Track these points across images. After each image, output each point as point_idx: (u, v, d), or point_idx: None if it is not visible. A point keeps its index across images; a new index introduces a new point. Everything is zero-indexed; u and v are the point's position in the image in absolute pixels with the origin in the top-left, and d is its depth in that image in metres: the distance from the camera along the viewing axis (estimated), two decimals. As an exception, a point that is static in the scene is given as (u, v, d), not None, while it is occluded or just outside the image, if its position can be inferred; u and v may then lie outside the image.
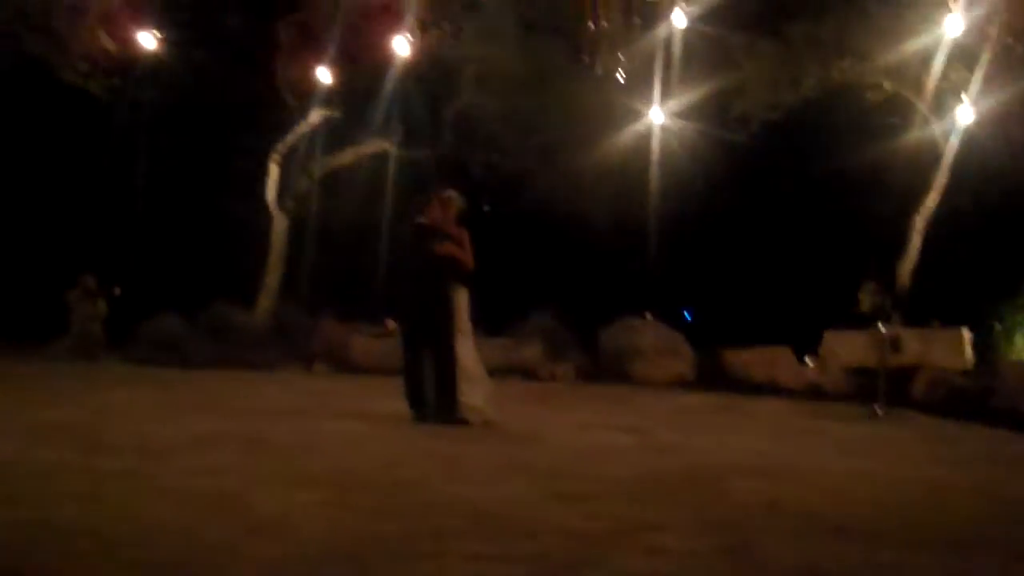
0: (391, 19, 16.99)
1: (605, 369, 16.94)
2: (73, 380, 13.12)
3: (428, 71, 17.84)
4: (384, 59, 17.79)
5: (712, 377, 16.23)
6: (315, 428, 8.90)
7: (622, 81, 14.35)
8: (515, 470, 6.97)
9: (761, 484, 6.74)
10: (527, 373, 16.39)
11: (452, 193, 9.90)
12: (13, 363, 15.15)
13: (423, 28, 17.13)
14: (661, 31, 15.69)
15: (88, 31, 15.26)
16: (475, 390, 9.46)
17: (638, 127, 18.69)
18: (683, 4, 15.24)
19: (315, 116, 19.36)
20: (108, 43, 15.47)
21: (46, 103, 18.17)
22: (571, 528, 5.07)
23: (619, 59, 13.16)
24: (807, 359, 16.58)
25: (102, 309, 17.50)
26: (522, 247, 20.84)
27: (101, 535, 4.70)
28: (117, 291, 17.97)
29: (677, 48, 16.27)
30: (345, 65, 18.34)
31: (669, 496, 6.23)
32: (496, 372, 10.28)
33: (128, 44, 16.61)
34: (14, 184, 19.75)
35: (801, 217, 21.14)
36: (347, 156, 20.35)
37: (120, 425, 8.64)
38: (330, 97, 19.03)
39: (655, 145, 18.79)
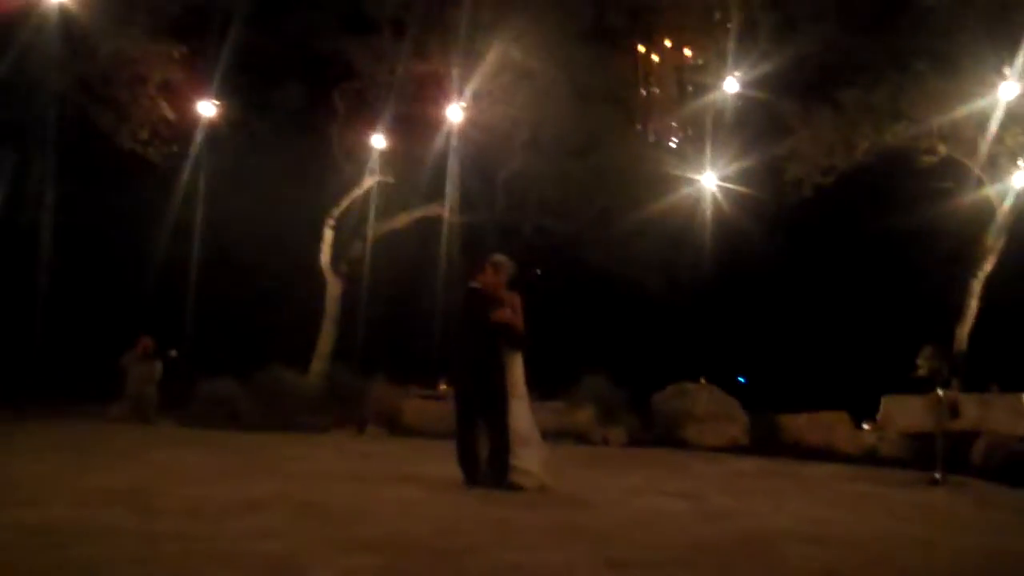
0: (445, 86, 17.21)
1: (658, 433, 16.80)
2: (128, 442, 13.22)
3: (481, 136, 18.00)
4: (437, 125, 18.01)
5: (767, 442, 16.00)
6: (368, 492, 8.89)
7: (674, 147, 14.42)
8: (568, 535, 6.92)
9: (817, 551, 6.64)
10: (579, 437, 16.30)
11: (503, 258, 9.93)
12: (70, 424, 15.33)
13: (476, 95, 17.31)
14: (713, 98, 15.77)
15: (148, 100, 15.58)
16: (530, 454, 9.42)
17: (690, 192, 18.73)
18: (735, 72, 15.31)
19: (368, 181, 19.60)
20: (168, 111, 15.79)
21: (108, 169, 18.53)
22: (623, 596, 5.02)
23: (671, 125, 13.22)
24: (864, 424, 16.34)
25: (158, 371, 17.67)
26: (575, 311, 20.86)
27: (155, 599, 4.73)
28: (173, 354, 18.16)
29: (729, 114, 16.33)
30: (399, 131, 18.59)
31: (723, 563, 6.15)
32: (549, 436, 10.22)
33: (187, 112, 16.96)
34: (76, 247, 20.10)
35: (857, 281, 20.99)
36: (400, 220, 20.54)
37: (174, 487, 8.70)
38: (384, 162, 19.27)
39: (707, 209, 18.81)
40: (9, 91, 15.82)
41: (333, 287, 20.07)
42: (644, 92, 12.29)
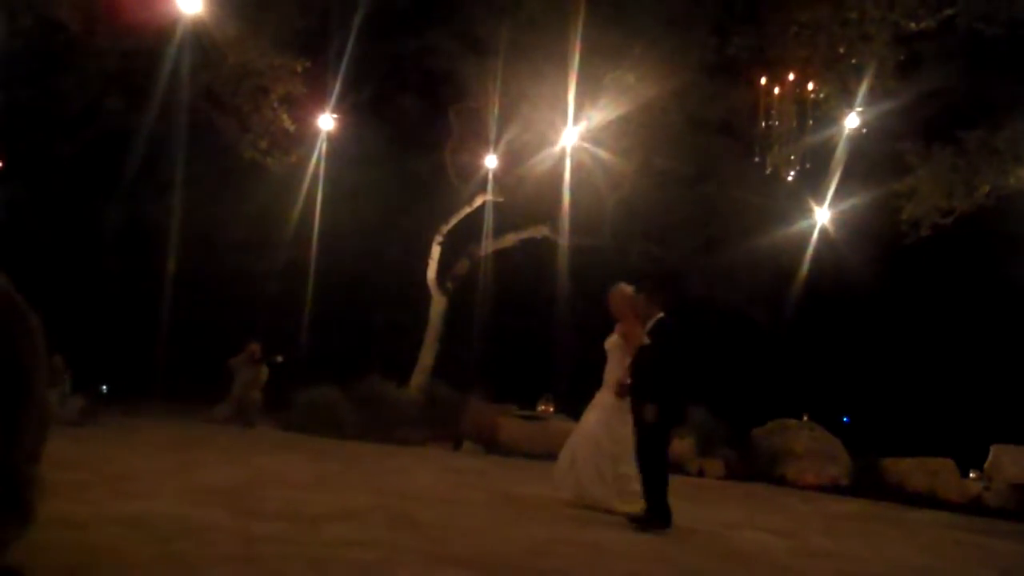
0: (558, 110, 17.26)
1: (756, 468, 16.53)
2: (231, 443, 13.48)
3: (592, 161, 17.99)
4: (549, 147, 18.05)
5: (869, 484, 15.63)
6: (462, 508, 8.93)
7: (790, 180, 14.18)
8: (662, 564, 6.86)
9: (917, 601, 6.48)
10: (676, 467, 16.12)
11: (626, 286, 10.04)
12: (178, 424, 15.70)
13: (588, 120, 17.31)
14: (833, 133, 15.51)
15: (270, 111, 15.91)
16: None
17: (802, 226, 18.47)
18: (856, 108, 15.04)
19: (479, 199, 19.74)
20: (288, 123, 16.10)
21: (229, 178, 18.98)
22: (716, 630, 4.95)
23: (790, 159, 13.01)
24: (971, 472, 15.89)
25: (264, 376, 17.96)
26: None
27: (251, 599, 4.81)
28: (279, 359, 18.44)
29: (848, 150, 16.03)
30: (511, 151, 18.70)
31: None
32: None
33: (306, 124, 17.30)
34: (195, 252, 20.57)
35: (971, 326, 20.45)
36: (508, 240, 20.62)
37: (273, 491, 8.85)
38: (495, 182, 19.39)
39: (819, 244, 18.52)
40: (143, 99, 16.35)
41: (438, 302, 20.22)
42: (764, 124, 12.08)
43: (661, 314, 9.16)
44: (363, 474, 11.19)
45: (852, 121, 15.39)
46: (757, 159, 13.13)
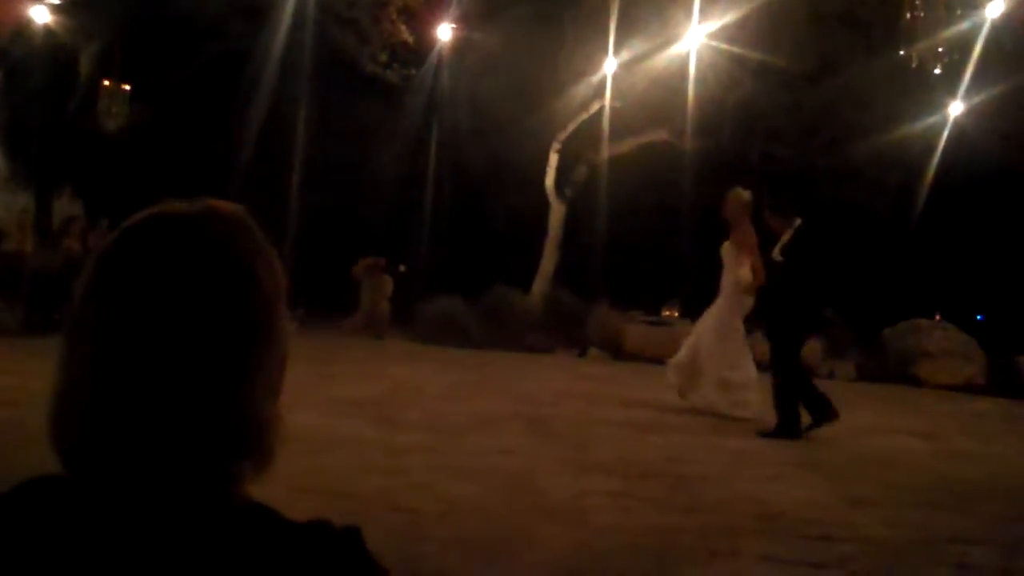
0: (673, 9, 16.87)
1: (888, 369, 16.25)
2: (365, 355, 13.76)
3: (710, 62, 17.58)
4: (667, 49, 17.70)
5: (1006, 383, 15.24)
6: (597, 414, 8.98)
7: (938, 73, 13.55)
8: (804, 470, 6.81)
9: (1071, 501, 6.33)
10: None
11: (742, 191, 9.81)
12: (309, 336, 16.03)
13: (706, 19, 16.88)
14: (974, 23, 14.77)
15: (389, 24, 15.92)
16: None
17: (932, 120, 17.82)
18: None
19: (595, 105, 19.50)
20: (406, 35, 16.11)
21: (348, 91, 19.09)
22: (870, 535, 4.90)
23: (938, 51, 12.42)
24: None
25: (389, 288, 18.23)
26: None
27: (406, 509, 4.92)
28: (402, 268, 18.68)
29: (986, 40, 15.26)
30: (628, 55, 18.38)
31: (970, 507, 5.90)
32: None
33: (424, 35, 17.28)
34: (317, 166, 20.83)
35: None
36: (625, 145, 20.37)
37: (411, 401, 9.02)
38: (612, 86, 19.11)
39: (950, 139, 17.88)
40: (262, 18, 16.48)
41: (557, 210, 20.16)
42: (909, 15, 11.51)
43: (799, 221, 8.90)
44: (495, 382, 11.34)
45: (994, 9, 14.64)
46: (902, 52, 12.58)
